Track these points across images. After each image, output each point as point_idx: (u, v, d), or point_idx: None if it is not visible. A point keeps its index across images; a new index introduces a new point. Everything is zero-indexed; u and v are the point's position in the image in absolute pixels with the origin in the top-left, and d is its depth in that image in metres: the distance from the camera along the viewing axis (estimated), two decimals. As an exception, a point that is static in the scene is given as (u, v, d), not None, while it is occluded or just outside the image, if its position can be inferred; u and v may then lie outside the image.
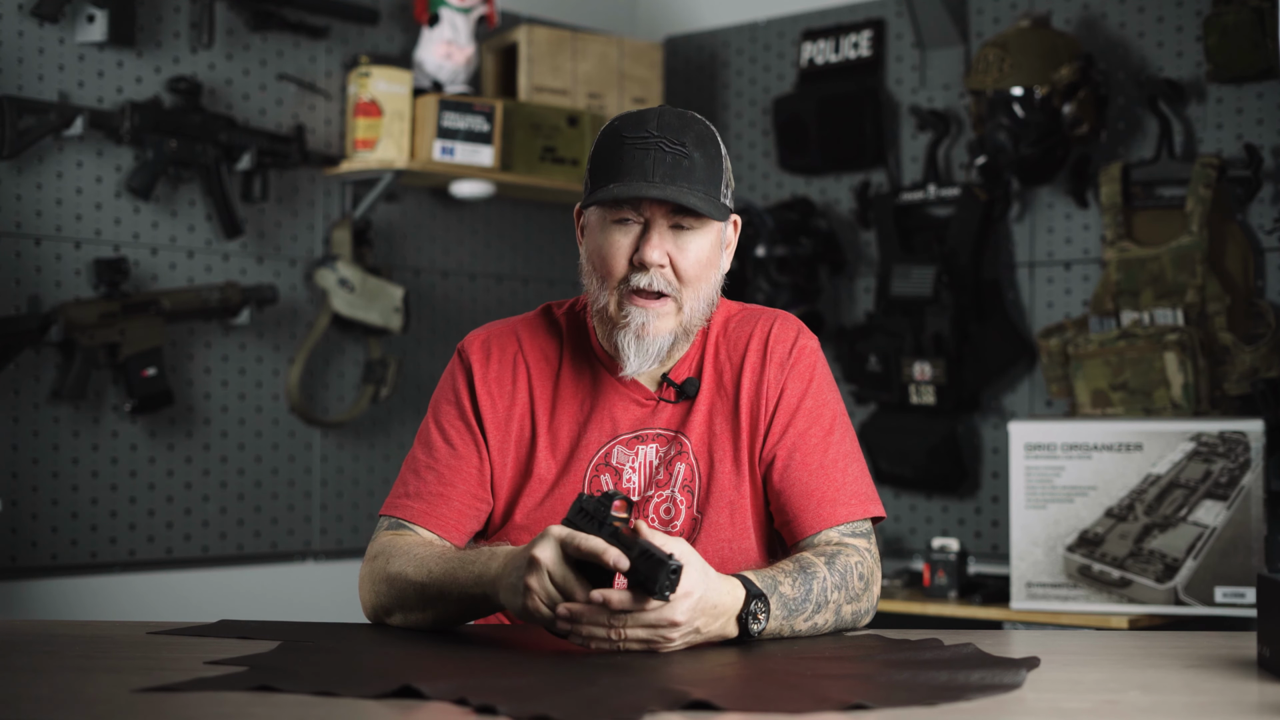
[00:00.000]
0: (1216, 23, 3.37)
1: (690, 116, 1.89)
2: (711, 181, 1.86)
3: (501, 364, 1.97)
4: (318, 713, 1.35)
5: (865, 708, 1.36)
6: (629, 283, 1.86)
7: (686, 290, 1.87)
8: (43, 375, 3.33)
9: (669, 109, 1.89)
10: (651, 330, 1.86)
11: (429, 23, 3.80)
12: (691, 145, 1.85)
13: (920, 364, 3.74)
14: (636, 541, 1.61)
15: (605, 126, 1.91)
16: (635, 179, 1.82)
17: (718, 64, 4.37)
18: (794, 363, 1.95)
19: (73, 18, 3.36)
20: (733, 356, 1.96)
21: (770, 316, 1.99)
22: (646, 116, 1.87)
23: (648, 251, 1.84)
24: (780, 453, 1.92)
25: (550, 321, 2.02)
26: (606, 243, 1.87)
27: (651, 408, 1.94)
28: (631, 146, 1.84)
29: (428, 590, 1.79)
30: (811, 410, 1.94)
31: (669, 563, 1.58)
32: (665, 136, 1.84)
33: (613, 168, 1.85)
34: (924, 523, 3.92)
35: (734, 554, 1.91)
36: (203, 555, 3.59)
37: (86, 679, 1.51)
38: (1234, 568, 3.14)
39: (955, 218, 3.78)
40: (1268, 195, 3.44)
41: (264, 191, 3.62)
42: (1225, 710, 1.39)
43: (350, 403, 3.84)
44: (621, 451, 1.92)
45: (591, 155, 1.91)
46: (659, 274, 1.85)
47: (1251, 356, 3.33)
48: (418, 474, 1.94)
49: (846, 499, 1.91)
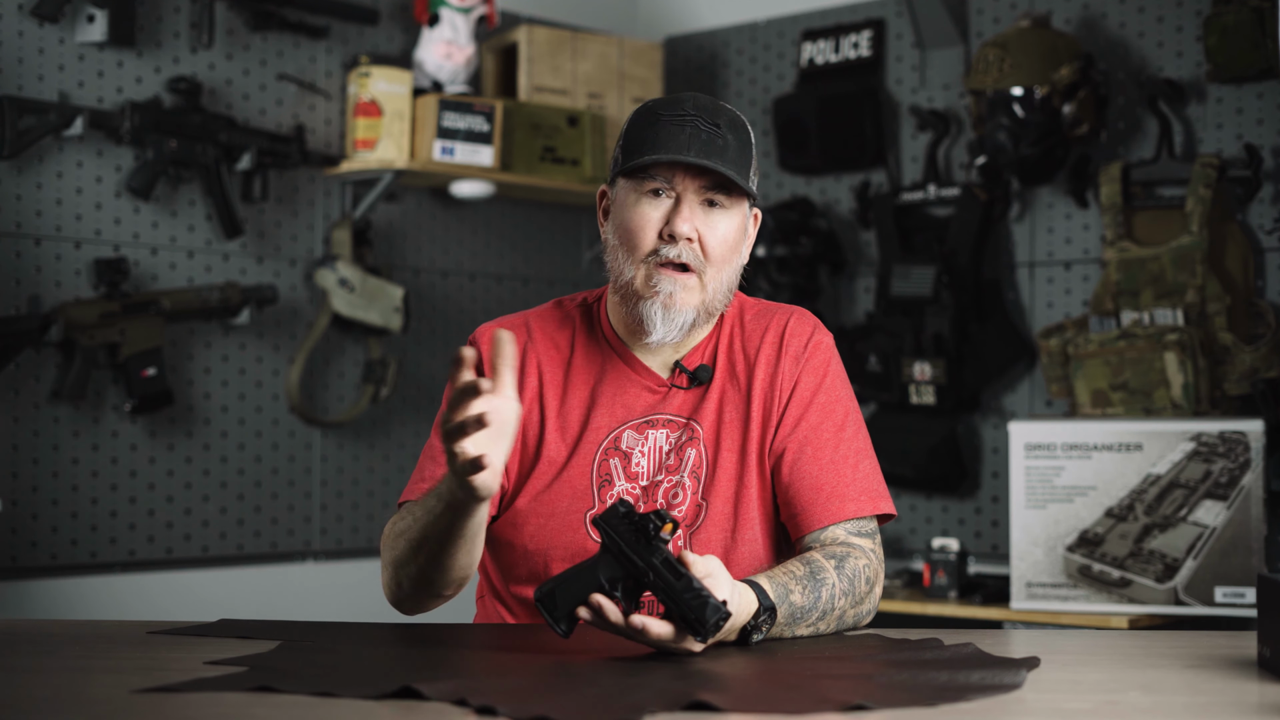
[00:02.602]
0: (1216, 23, 3.37)
1: (723, 104, 1.92)
2: (743, 164, 1.89)
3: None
4: (318, 713, 1.35)
5: (866, 708, 1.36)
6: (658, 254, 1.87)
7: (710, 269, 1.88)
8: (43, 375, 3.33)
9: (702, 94, 1.92)
10: (679, 301, 1.88)
11: (429, 23, 3.80)
12: (726, 127, 1.88)
13: (920, 364, 3.74)
14: (686, 574, 1.60)
15: (637, 108, 1.93)
16: (672, 150, 1.84)
17: (718, 64, 4.37)
18: (809, 357, 1.96)
19: (73, 18, 3.36)
20: (747, 348, 1.97)
21: (787, 311, 2.01)
22: (682, 98, 1.90)
23: (678, 223, 1.85)
24: (791, 445, 1.92)
25: (562, 312, 2.03)
26: (637, 214, 1.89)
27: (663, 394, 1.94)
28: (667, 122, 1.86)
29: (412, 530, 1.79)
30: (825, 405, 1.95)
31: (721, 608, 1.58)
32: (701, 115, 1.87)
33: (648, 141, 1.87)
34: (924, 523, 3.92)
35: (738, 543, 1.90)
36: (203, 555, 3.59)
37: (86, 679, 1.51)
38: (1234, 568, 3.14)
39: (955, 218, 3.78)
40: (1268, 195, 3.44)
41: (264, 191, 3.62)
42: (1225, 710, 1.39)
43: (350, 403, 3.84)
44: (631, 436, 1.92)
45: (624, 133, 1.92)
46: (687, 247, 1.87)
47: (1251, 356, 3.33)
48: (434, 459, 1.94)
49: (855, 495, 1.91)
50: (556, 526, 1.89)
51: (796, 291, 3.93)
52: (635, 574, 1.62)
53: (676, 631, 1.60)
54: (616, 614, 1.61)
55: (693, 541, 1.89)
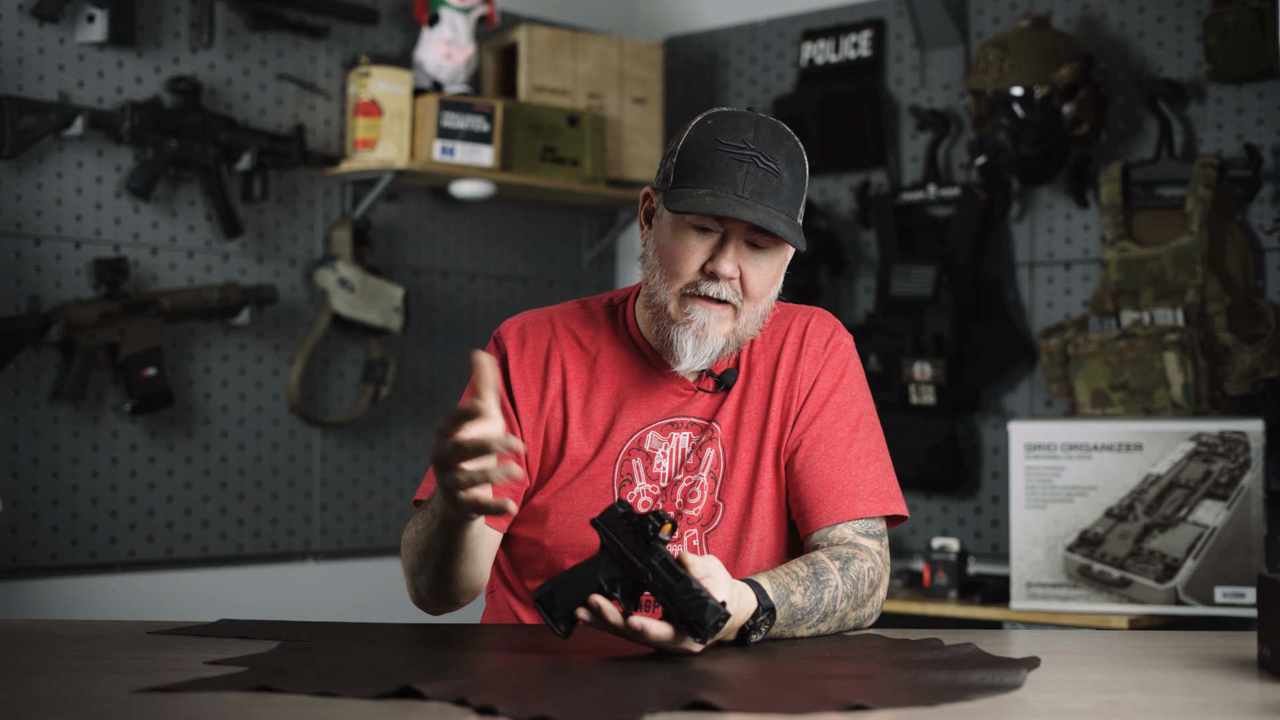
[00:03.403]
0: (1216, 23, 3.37)
1: (784, 131, 1.87)
2: (795, 203, 1.86)
3: (536, 350, 1.97)
4: (318, 713, 1.35)
5: (866, 708, 1.36)
6: (697, 288, 1.86)
7: (748, 304, 1.87)
8: (43, 375, 3.33)
9: (765, 119, 1.87)
10: (711, 331, 1.86)
11: (429, 23, 3.80)
12: (783, 164, 1.84)
13: (920, 364, 3.74)
14: (685, 575, 1.60)
15: (699, 121, 1.88)
16: (726, 190, 1.81)
17: (718, 64, 4.37)
18: (828, 356, 1.97)
19: (73, 18, 3.36)
20: (769, 349, 1.97)
21: (808, 312, 2.01)
22: (743, 124, 1.85)
23: (722, 263, 1.83)
24: (805, 441, 1.93)
25: (587, 312, 2.02)
26: (681, 245, 1.86)
27: (689, 397, 1.95)
28: (726, 154, 1.82)
29: (417, 543, 1.83)
30: (840, 404, 1.95)
31: (720, 609, 1.58)
32: (760, 151, 1.83)
33: (703, 172, 1.83)
34: (924, 523, 3.92)
35: (751, 543, 1.91)
36: (203, 555, 3.59)
37: (86, 679, 1.51)
38: (1234, 568, 3.14)
39: (955, 218, 3.78)
40: (1268, 195, 3.44)
41: (264, 191, 3.62)
42: (1225, 710, 1.39)
43: (350, 403, 3.84)
44: (655, 437, 1.93)
45: (681, 149, 1.87)
46: (728, 285, 1.85)
47: (1251, 356, 3.33)
48: None
49: (865, 495, 1.91)
50: (574, 524, 1.90)
51: (796, 291, 3.93)
52: (634, 575, 1.62)
53: (676, 632, 1.60)
54: (616, 615, 1.61)
55: (708, 541, 1.90)
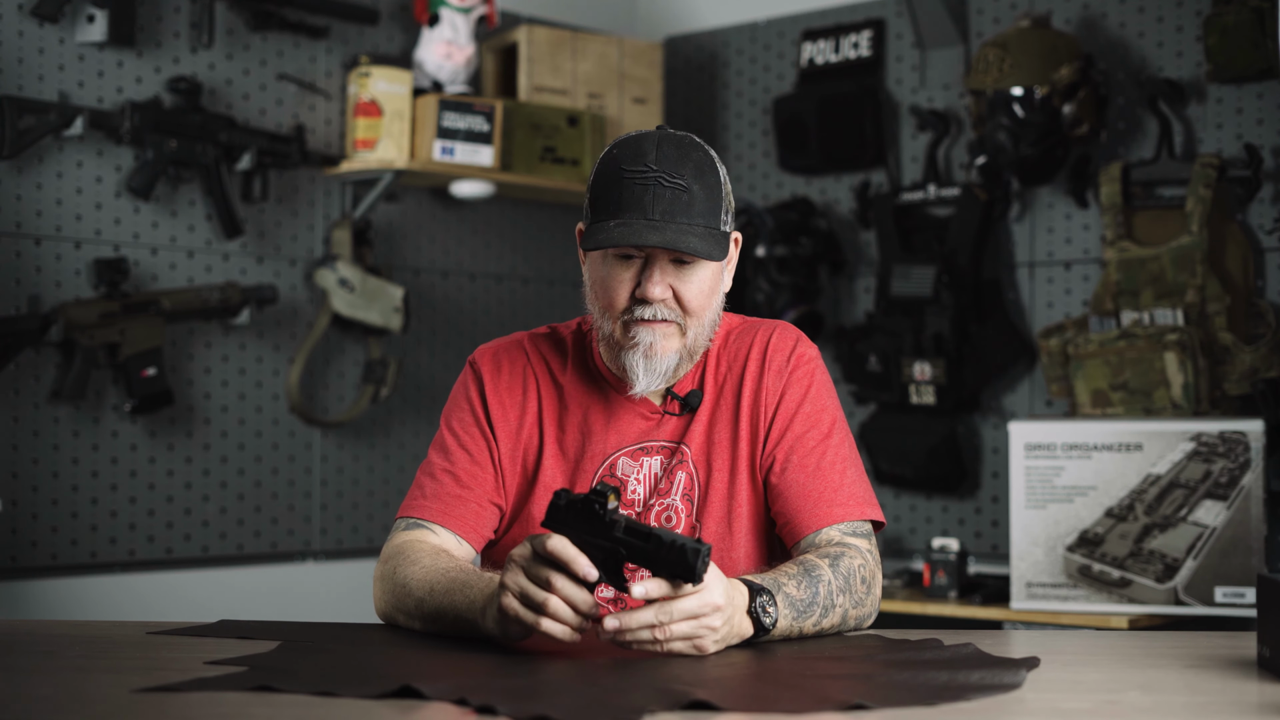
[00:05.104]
0: (1216, 23, 3.37)
1: (689, 143, 1.88)
2: (711, 213, 1.86)
3: (512, 375, 1.99)
4: (318, 713, 1.35)
5: (865, 708, 1.36)
6: (632, 313, 1.88)
7: (690, 319, 1.89)
8: (43, 375, 3.33)
9: (668, 136, 1.87)
10: (659, 349, 1.88)
11: (429, 23, 3.79)
12: (691, 177, 1.84)
13: (920, 364, 3.74)
14: (653, 533, 1.60)
15: (606, 152, 1.90)
16: (634, 216, 1.82)
17: (718, 64, 4.37)
18: (792, 369, 1.97)
19: (73, 18, 3.36)
20: (734, 367, 1.98)
21: (770, 326, 2.01)
22: (645, 147, 1.85)
23: (650, 288, 1.85)
24: (779, 455, 1.93)
25: (556, 339, 2.04)
26: (609, 275, 1.88)
27: (656, 421, 1.96)
28: (631, 181, 1.83)
29: (425, 605, 1.79)
30: (810, 414, 1.96)
31: (699, 546, 1.58)
32: (664, 170, 1.83)
33: (612, 203, 1.85)
34: (924, 523, 3.92)
35: (733, 562, 1.92)
36: (203, 555, 3.59)
37: (86, 679, 1.51)
38: (1234, 568, 3.14)
39: (955, 218, 3.78)
40: (1268, 195, 3.44)
41: (264, 191, 3.62)
42: (1225, 710, 1.39)
43: (350, 403, 3.84)
44: (626, 463, 1.94)
45: (591, 184, 1.90)
46: (661, 306, 1.87)
47: (1251, 356, 3.33)
48: (434, 477, 1.95)
49: (844, 500, 1.92)
50: None
51: (796, 291, 3.93)
52: (606, 555, 1.62)
53: (671, 585, 1.60)
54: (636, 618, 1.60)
55: None
